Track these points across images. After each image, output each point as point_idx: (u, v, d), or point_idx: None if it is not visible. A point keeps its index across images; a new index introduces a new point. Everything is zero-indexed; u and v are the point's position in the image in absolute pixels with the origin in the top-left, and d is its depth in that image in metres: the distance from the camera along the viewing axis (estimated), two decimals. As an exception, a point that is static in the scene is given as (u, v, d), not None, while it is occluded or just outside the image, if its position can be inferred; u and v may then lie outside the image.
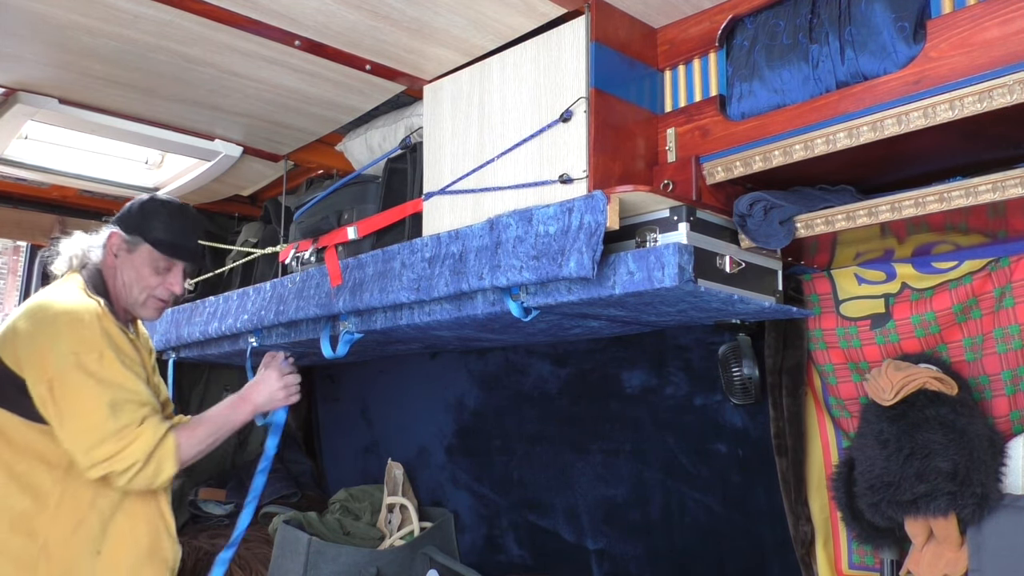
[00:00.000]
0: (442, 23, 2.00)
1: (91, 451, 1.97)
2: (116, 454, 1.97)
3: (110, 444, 1.97)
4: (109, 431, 1.97)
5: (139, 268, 2.19)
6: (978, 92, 1.45)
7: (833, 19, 1.67)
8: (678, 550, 2.69)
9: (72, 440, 1.99)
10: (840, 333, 2.14)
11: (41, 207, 3.64)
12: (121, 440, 1.98)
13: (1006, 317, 1.89)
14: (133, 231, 2.19)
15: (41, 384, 1.99)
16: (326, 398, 4.30)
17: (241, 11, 1.98)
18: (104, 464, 1.97)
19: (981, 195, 1.55)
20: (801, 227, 1.79)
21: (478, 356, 3.32)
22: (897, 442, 1.83)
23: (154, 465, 2.01)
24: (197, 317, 3.07)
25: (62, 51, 2.19)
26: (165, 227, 2.20)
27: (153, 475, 2.02)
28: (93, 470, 1.98)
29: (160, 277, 2.20)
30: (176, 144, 2.79)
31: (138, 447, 1.98)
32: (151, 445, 2.00)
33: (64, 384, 1.98)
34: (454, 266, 1.98)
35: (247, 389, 2.27)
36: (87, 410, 1.98)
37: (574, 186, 1.84)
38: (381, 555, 3.24)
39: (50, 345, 2.00)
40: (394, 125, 2.51)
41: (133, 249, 2.19)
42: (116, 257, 2.20)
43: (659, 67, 2.01)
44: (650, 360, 2.74)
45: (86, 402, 1.98)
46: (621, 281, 1.71)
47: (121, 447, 1.97)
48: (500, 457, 3.27)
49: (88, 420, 1.97)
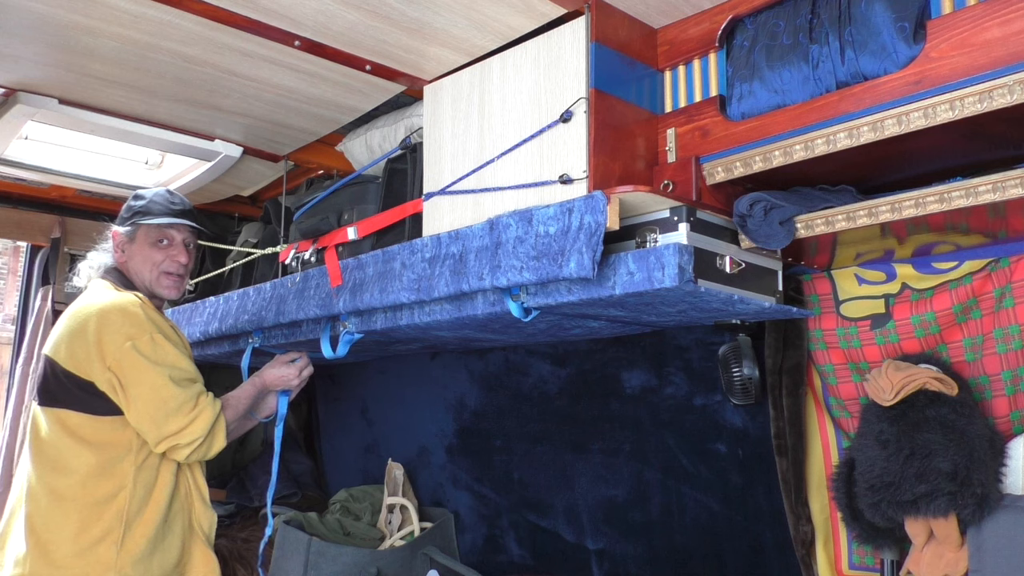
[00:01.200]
0: (442, 23, 2.00)
1: (161, 426, 2.13)
2: (183, 428, 2.13)
3: (177, 418, 2.13)
4: (174, 406, 2.13)
5: (142, 250, 2.36)
6: (978, 92, 1.45)
7: (833, 19, 1.67)
8: (678, 550, 2.69)
9: (142, 417, 2.13)
10: (840, 333, 2.14)
11: (41, 207, 3.64)
12: (186, 415, 2.14)
13: (1006, 317, 1.89)
14: (127, 222, 2.37)
15: (107, 374, 2.13)
16: (326, 398, 4.29)
17: (241, 11, 1.98)
18: (172, 438, 2.13)
19: (981, 195, 1.54)
20: (801, 227, 1.79)
21: (478, 356, 3.32)
22: (897, 442, 1.83)
23: (210, 440, 2.19)
24: (197, 317, 3.07)
25: (62, 51, 2.19)
26: (150, 204, 2.38)
27: (207, 449, 2.19)
28: (162, 444, 2.14)
29: (163, 251, 2.36)
30: (176, 144, 2.80)
31: (201, 422, 2.15)
32: (211, 421, 2.17)
33: (126, 369, 2.13)
34: (454, 266, 1.98)
35: (262, 369, 2.48)
36: (152, 388, 2.13)
37: (574, 186, 1.84)
38: (381, 555, 3.24)
39: (105, 338, 2.14)
40: (394, 125, 2.51)
41: (133, 237, 2.37)
42: (123, 252, 2.38)
43: (659, 67, 2.01)
44: (650, 360, 2.74)
45: (150, 381, 2.13)
46: (621, 281, 1.71)
47: (187, 422, 2.14)
48: (500, 457, 3.27)
49: (155, 397, 2.12)
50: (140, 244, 2.35)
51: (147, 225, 2.34)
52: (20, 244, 7.48)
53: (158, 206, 2.37)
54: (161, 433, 2.13)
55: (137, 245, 2.35)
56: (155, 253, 2.35)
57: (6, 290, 13.93)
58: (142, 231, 2.35)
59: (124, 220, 2.39)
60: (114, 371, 2.13)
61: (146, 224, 2.34)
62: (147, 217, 2.34)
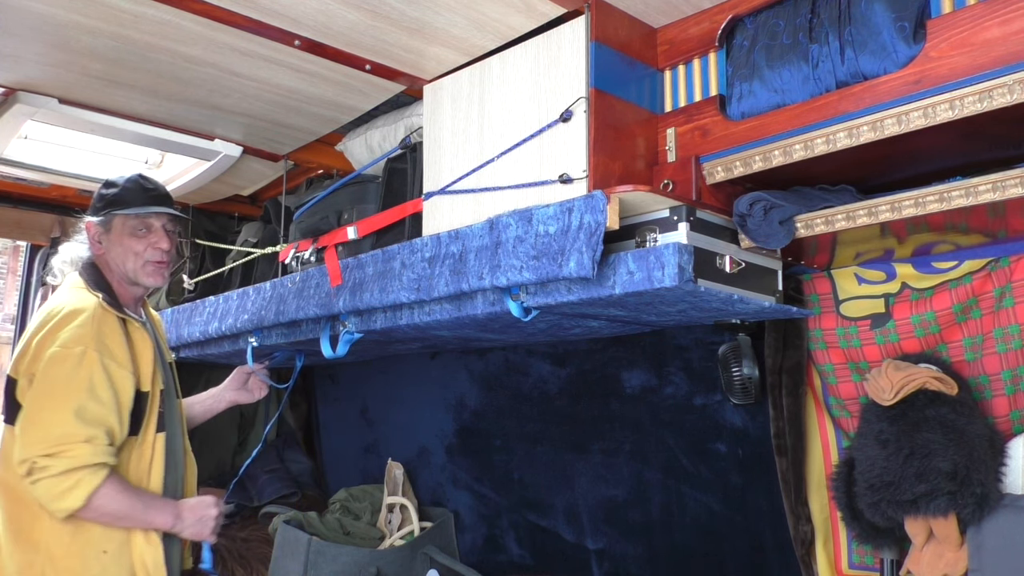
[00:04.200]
0: (442, 23, 2.00)
1: (33, 445, 1.94)
2: (48, 454, 1.93)
3: (48, 444, 1.93)
4: (56, 434, 1.94)
5: (121, 240, 2.24)
6: (978, 92, 1.45)
7: (833, 19, 1.67)
8: (678, 550, 2.69)
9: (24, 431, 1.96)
10: (840, 333, 2.14)
11: (41, 207, 3.64)
12: (60, 445, 1.93)
13: (1006, 317, 1.89)
14: (101, 212, 2.25)
15: (24, 379, 2.00)
16: (326, 398, 4.29)
17: (241, 11, 1.98)
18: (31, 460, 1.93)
19: (981, 195, 1.54)
20: (801, 227, 1.79)
21: (478, 356, 3.32)
22: (897, 442, 1.83)
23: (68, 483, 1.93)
24: (197, 317, 3.07)
25: (62, 51, 2.19)
26: (124, 192, 2.25)
27: (60, 493, 1.93)
28: (23, 465, 1.94)
29: (143, 240, 2.25)
30: (176, 144, 2.79)
31: (69, 457, 1.93)
32: (80, 463, 1.94)
33: (39, 373, 1.98)
34: (454, 266, 1.98)
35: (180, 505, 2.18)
36: (51, 407, 1.96)
37: (574, 186, 1.84)
38: (381, 555, 3.24)
39: (43, 345, 2.02)
40: (394, 125, 2.51)
41: (109, 227, 2.25)
42: (100, 244, 2.26)
43: (659, 67, 2.01)
44: (650, 360, 2.74)
45: (51, 399, 1.96)
46: (621, 281, 1.71)
47: (57, 450, 1.93)
48: (500, 457, 3.27)
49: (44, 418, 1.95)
50: (118, 234, 2.23)
51: (123, 215, 2.23)
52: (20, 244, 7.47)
53: (132, 193, 2.24)
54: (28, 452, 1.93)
55: (115, 235, 2.24)
56: (135, 243, 2.23)
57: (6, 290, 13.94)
58: (118, 221, 2.23)
59: (97, 210, 2.26)
60: (31, 374, 1.99)
61: (122, 214, 2.23)
62: (122, 207, 2.22)
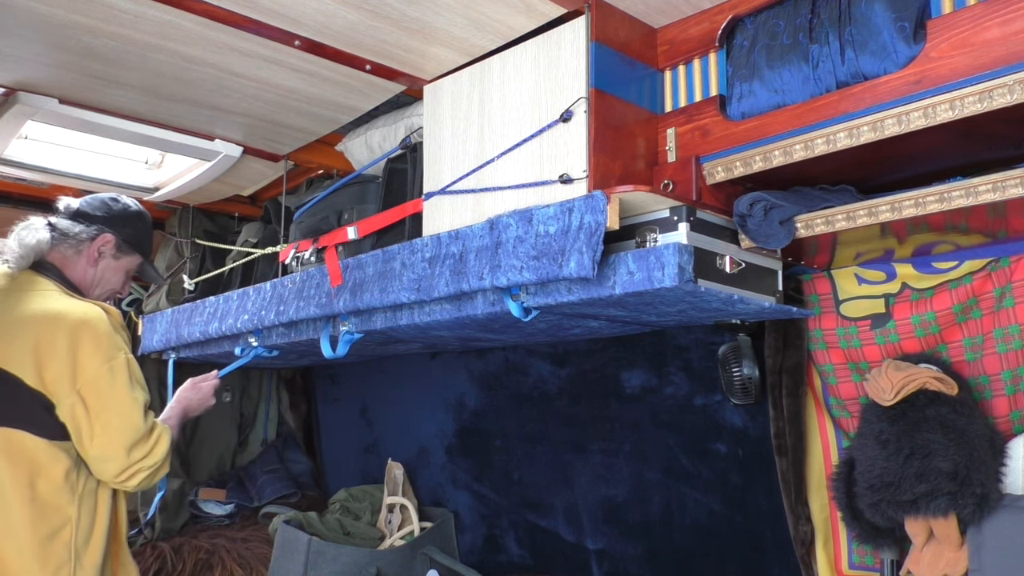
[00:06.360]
0: (442, 23, 2.00)
1: (130, 452, 2.02)
2: (147, 455, 2.04)
3: (143, 445, 2.03)
4: (143, 432, 2.04)
5: (117, 272, 2.29)
6: (978, 92, 1.45)
7: (833, 19, 1.67)
8: (678, 550, 2.69)
9: (108, 444, 2.00)
10: (840, 333, 2.14)
11: (41, 207, 3.63)
12: (148, 441, 2.04)
13: (1006, 317, 1.89)
14: (133, 245, 2.29)
15: (72, 396, 1.99)
16: (326, 398, 4.30)
17: (241, 11, 1.98)
18: (136, 464, 2.02)
19: (981, 195, 1.54)
20: (801, 227, 1.79)
21: (478, 356, 3.32)
22: (897, 442, 1.83)
23: (163, 466, 2.09)
24: (197, 317, 3.07)
25: (62, 51, 2.19)
26: (146, 234, 2.35)
27: (158, 475, 2.09)
28: (124, 473, 2.02)
29: (128, 282, 2.35)
30: (176, 144, 2.79)
31: (161, 448, 2.06)
32: (168, 446, 2.08)
33: (101, 391, 2.00)
34: (454, 266, 1.98)
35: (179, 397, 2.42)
36: (123, 412, 2.02)
37: (574, 186, 1.84)
38: (381, 555, 3.24)
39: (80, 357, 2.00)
40: (394, 125, 2.51)
41: (121, 256, 2.28)
42: (99, 256, 2.24)
43: (659, 67, 2.01)
44: (650, 360, 2.74)
45: (124, 407, 2.03)
46: (621, 281, 1.71)
47: (150, 448, 2.04)
48: (500, 457, 3.27)
49: (127, 424, 2.02)
50: (120, 267, 2.28)
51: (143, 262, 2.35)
52: (20, 244, 7.39)
53: (148, 238, 2.36)
54: (129, 461, 2.01)
55: (118, 264, 2.27)
56: (124, 283, 2.32)
57: (6, 290, 13.83)
58: (136, 261, 2.33)
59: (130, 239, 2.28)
60: (83, 395, 1.99)
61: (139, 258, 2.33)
62: (142, 252, 2.33)
